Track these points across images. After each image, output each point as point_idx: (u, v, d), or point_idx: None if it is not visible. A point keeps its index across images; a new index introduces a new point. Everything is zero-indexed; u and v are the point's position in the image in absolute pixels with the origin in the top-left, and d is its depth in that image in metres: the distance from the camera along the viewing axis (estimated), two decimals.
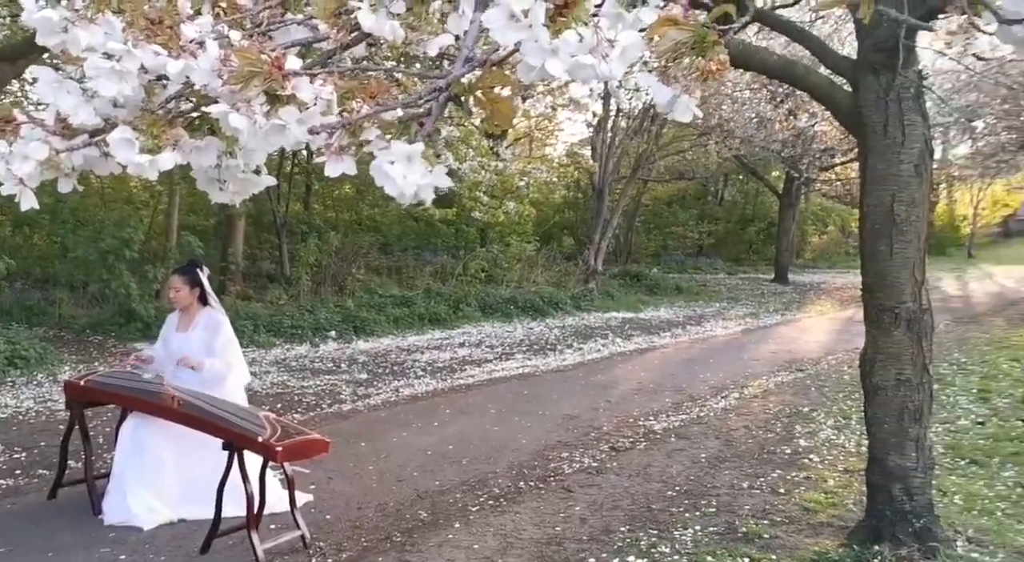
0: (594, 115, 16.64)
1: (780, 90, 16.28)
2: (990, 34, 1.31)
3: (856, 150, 17.53)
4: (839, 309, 16.82)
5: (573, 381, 9.24)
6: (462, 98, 1.22)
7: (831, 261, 28.54)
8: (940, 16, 3.78)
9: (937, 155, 25.07)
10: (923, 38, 6.30)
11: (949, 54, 6.85)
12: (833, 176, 25.36)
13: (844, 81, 4.57)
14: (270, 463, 4.18)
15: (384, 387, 8.57)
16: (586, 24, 1.14)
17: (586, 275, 16.39)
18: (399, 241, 16.76)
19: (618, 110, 17.24)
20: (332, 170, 1.24)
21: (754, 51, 5.35)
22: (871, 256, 4.39)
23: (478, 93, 1.24)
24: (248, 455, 4.09)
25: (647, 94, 16.20)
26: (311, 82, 1.23)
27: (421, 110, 1.23)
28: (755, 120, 17.44)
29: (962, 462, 5.93)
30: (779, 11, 6.21)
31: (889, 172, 4.25)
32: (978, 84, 13.90)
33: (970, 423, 7.09)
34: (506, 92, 1.27)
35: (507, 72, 1.25)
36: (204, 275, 4.82)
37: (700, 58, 1.21)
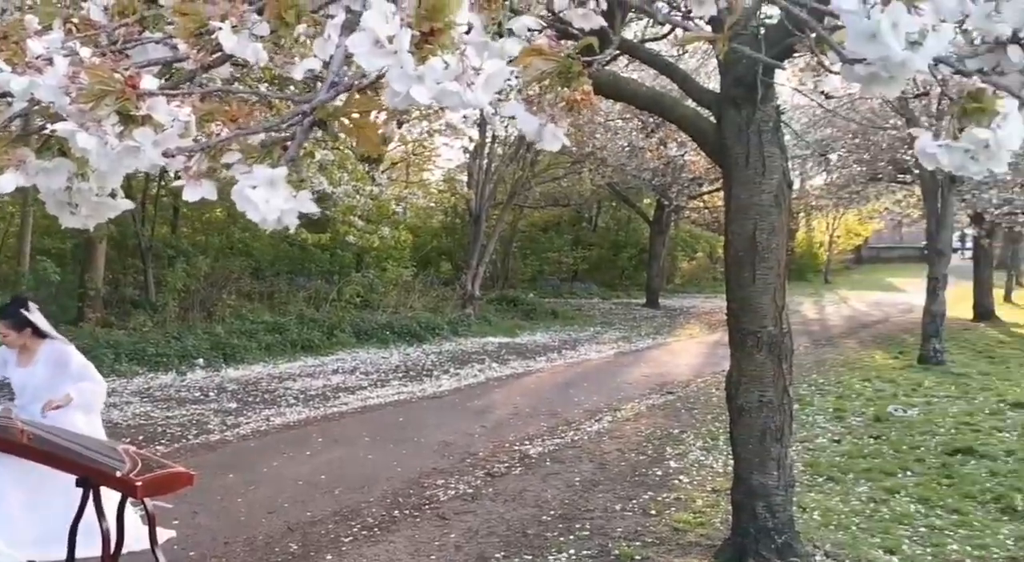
0: (470, 140, 16.78)
1: (651, 120, 16.81)
2: (836, 73, 1.38)
3: (722, 180, 18.16)
4: (707, 333, 17.38)
5: (449, 407, 9.20)
6: (327, 123, 1.20)
7: (700, 286, 29.51)
8: (794, 54, 4.00)
9: (796, 185, 26.37)
10: (780, 75, 6.62)
11: (804, 91, 7.23)
12: (701, 204, 26.28)
13: (709, 113, 4.76)
14: (129, 499, 3.97)
15: (254, 416, 8.31)
16: (452, 52, 1.14)
17: (463, 300, 16.41)
18: (272, 266, 16.36)
19: (494, 137, 17.41)
20: (190, 195, 1.19)
21: (624, 82, 5.51)
22: (735, 282, 4.57)
23: (343, 119, 1.22)
24: (106, 491, 3.88)
25: None
26: (168, 103, 1.18)
27: (285, 134, 1.20)
28: (627, 149, 17.94)
29: (820, 479, 6.21)
30: (649, 44, 6.43)
31: (751, 202, 4.44)
32: (832, 120, 14.72)
33: (827, 441, 7.43)
34: (379, 117, 1.25)
35: (374, 98, 1.24)
36: (32, 311, 4.48)
37: (566, 88, 1.23)
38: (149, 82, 1.26)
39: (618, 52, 5.89)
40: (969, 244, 22.93)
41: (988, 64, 1.43)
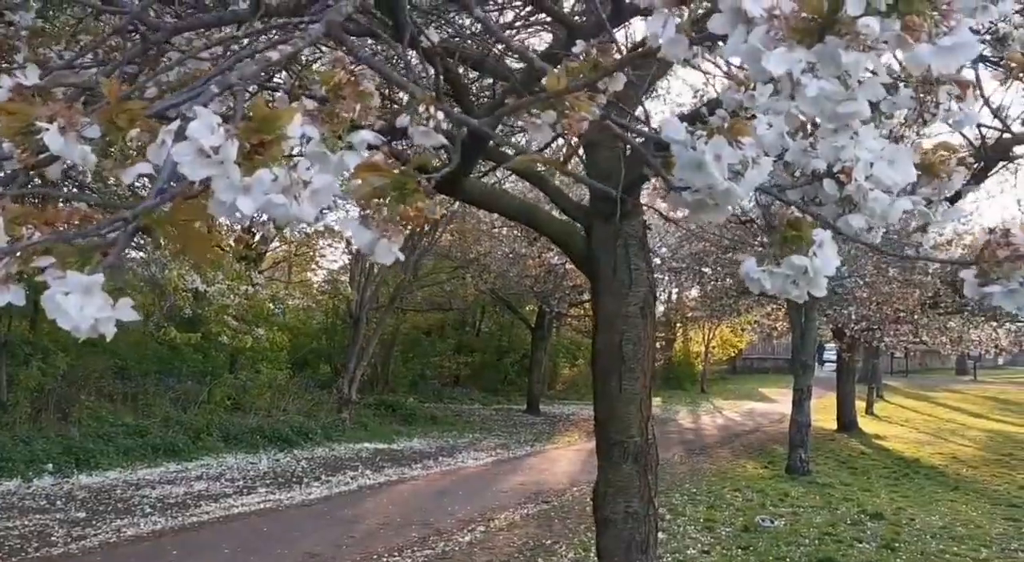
0: (349, 243, 16.73)
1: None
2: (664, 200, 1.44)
3: (591, 291, 18.51)
4: (586, 440, 17.41)
5: (318, 516, 8.85)
6: (152, 230, 1.16)
7: (580, 393, 29.72)
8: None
9: (672, 297, 27.28)
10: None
11: (660, 210, 7.55)
12: (582, 311, 26.76)
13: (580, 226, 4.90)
14: None
15: (104, 527, 7.78)
16: (282, 164, 1.13)
17: (340, 404, 16.02)
18: (139, 365, 15.61)
19: None
20: None
21: (499, 195, 5.64)
22: (602, 392, 4.62)
23: (169, 226, 1.18)
24: None
25: None
26: None
27: (106, 239, 1.15)
28: (510, 256, 18.24)
29: None
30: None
31: (619, 313, 4.55)
32: (704, 235, 15.38)
33: (697, 553, 7.47)
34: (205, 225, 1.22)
35: (202, 205, 1.21)
36: None
37: (402, 204, 1.24)
38: None
39: (493, 164, 6.05)
40: (832, 356, 24.03)
41: (807, 194, 1.52)
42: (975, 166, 5.09)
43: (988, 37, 2.49)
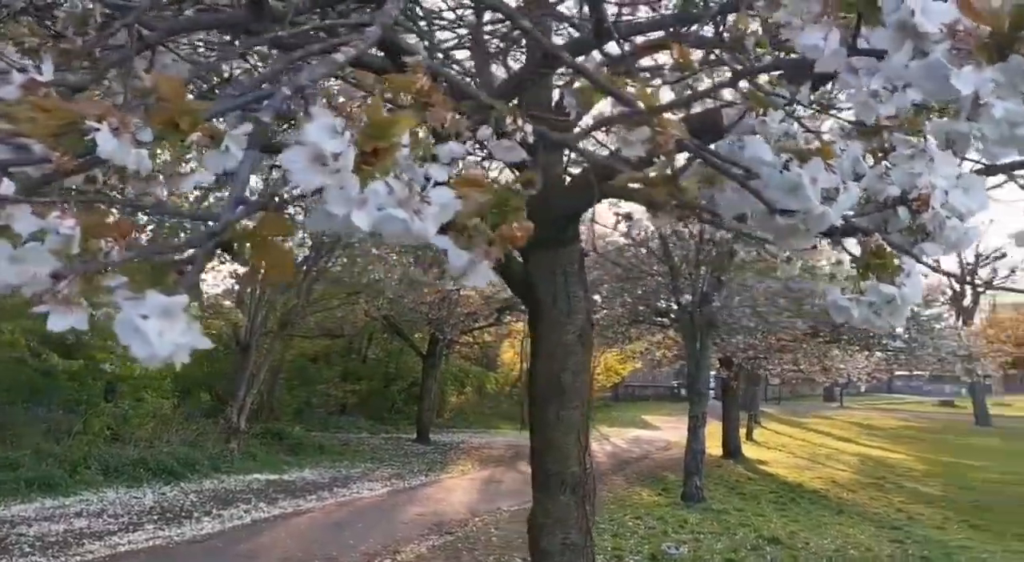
0: (235, 268, 16.18)
1: (429, 253, 17.05)
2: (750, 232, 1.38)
3: (495, 315, 18.43)
4: (480, 468, 17.29)
5: (213, 553, 8.42)
6: (234, 246, 1.03)
7: (469, 421, 29.55)
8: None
9: None
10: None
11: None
12: (472, 339, 26.70)
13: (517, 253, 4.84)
14: None
15: None
16: (394, 175, 1.02)
17: (228, 434, 15.37)
18: (7, 393, 14.58)
19: None
20: (58, 323, 0.97)
21: None
22: (540, 422, 4.55)
23: (253, 242, 1.05)
24: None
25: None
26: (41, 212, 0.97)
27: (182, 257, 1.01)
28: (405, 282, 18.01)
29: None
30: None
31: (558, 341, 4.49)
32: (602, 264, 15.58)
33: None
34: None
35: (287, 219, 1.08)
36: None
37: (503, 223, 1.14)
38: (5, 186, 1.04)
39: None
40: (712, 384, 24.71)
41: (873, 223, 1.49)
42: None
43: None
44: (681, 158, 1.50)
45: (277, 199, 1.07)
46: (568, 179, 4.66)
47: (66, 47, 2.03)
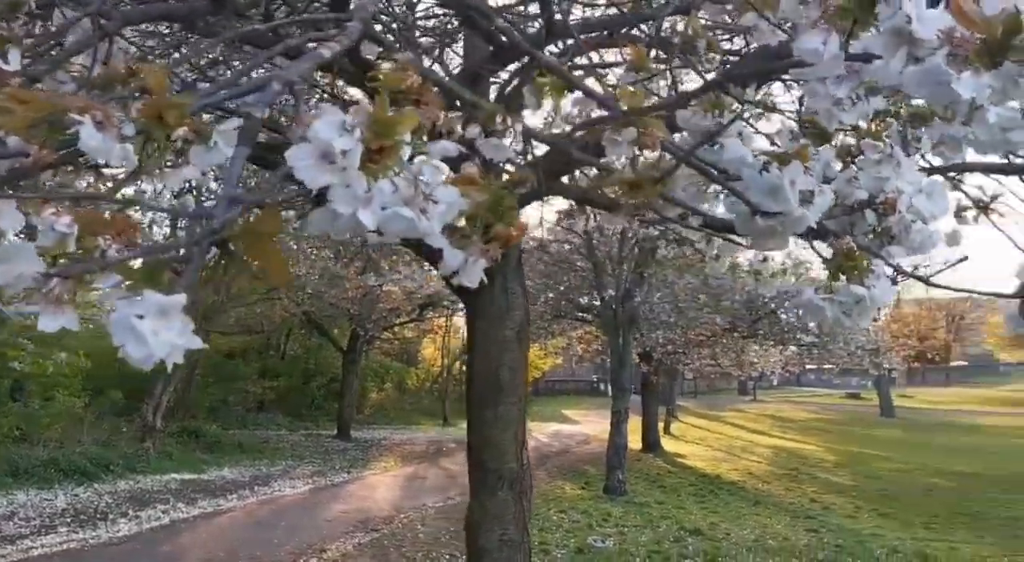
0: None
1: (351, 248, 16.86)
2: (726, 235, 1.41)
3: (418, 311, 18.32)
4: (402, 465, 17.19)
5: (131, 556, 8.18)
6: (230, 245, 1.00)
7: (389, 417, 29.34)
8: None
9: None
10: None
11: None
12: (392, 335, 26.50)
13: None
14: None
15: None
16: (398, 173, 1.01)
17: (143, 433, 14.93)
18: None
19: None
20: (49, 323, 0.93)
21: None
22: (477, 419, 4.54)
23: (247, 240, 1.03)
24: None
25: None
26: (34, 209, 0.93)
27: (177, 255, 0.98)
28: (326, 277, 17.77)
29: None
30: None
31: (495, 338, 4.49)
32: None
33: None
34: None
35: (281, 217, 1.06)
36: None
37: (498, 222, 1.14)
38: None
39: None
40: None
41: (840, 226, 1.54)
42: None
43: None
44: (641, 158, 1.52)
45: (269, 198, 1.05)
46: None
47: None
